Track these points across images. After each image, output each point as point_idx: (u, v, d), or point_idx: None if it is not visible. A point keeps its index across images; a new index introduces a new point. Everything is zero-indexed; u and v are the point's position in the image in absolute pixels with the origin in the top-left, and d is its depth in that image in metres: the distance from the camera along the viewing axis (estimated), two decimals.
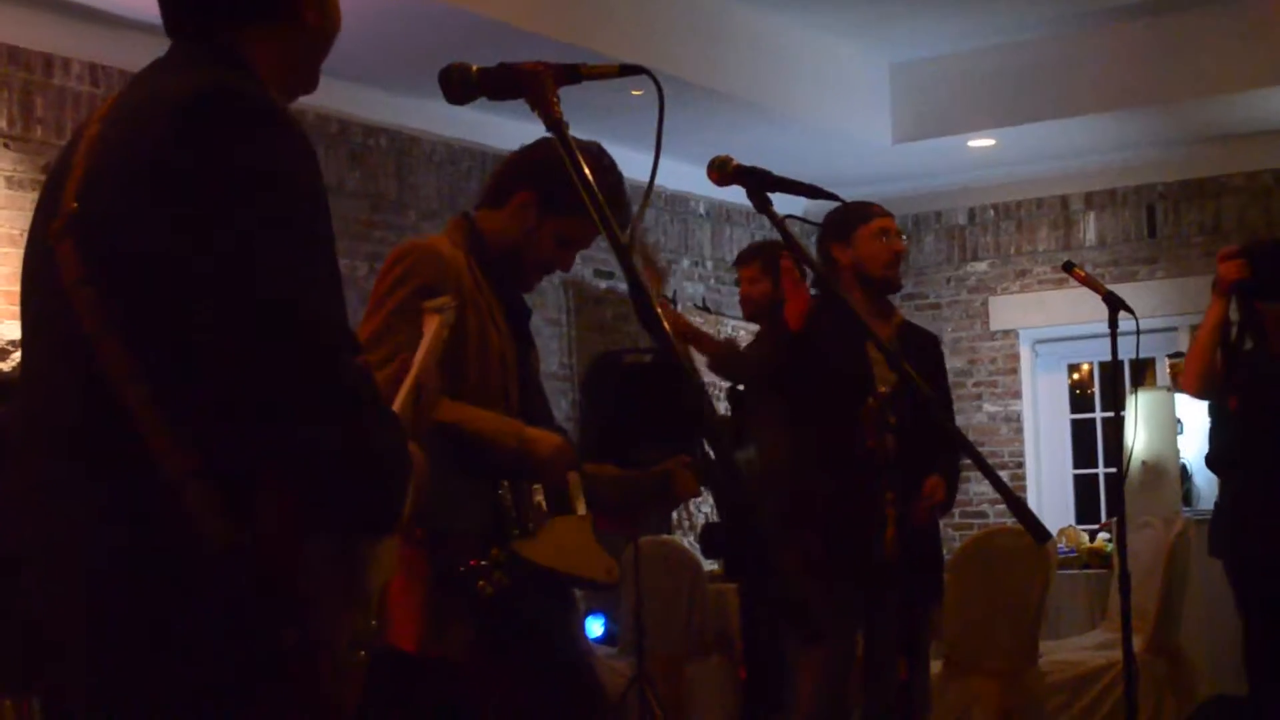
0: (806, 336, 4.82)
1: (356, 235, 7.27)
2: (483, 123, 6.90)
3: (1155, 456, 8.17)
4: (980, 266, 10.46)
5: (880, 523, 4.75)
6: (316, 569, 2.00)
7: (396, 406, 2.43)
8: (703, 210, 9.71)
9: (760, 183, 3.04)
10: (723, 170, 3.01)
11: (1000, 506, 8.36)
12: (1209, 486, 7.89)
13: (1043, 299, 10.07)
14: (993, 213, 10.42)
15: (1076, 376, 10.58)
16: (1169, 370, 8.92)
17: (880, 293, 5.25)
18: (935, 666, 7.04)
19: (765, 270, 5.92)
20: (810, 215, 4.45)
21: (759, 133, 8.31)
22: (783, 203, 3.04)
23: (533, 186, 3.49)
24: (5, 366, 5.98)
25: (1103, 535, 8.76)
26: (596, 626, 6.87)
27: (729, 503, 5.31)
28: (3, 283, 6.08)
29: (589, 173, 2.23)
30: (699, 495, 4.42)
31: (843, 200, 3.40)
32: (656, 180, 2.43)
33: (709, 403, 2.20)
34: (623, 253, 2.15)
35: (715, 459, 3.89)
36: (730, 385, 6.25)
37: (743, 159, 3.06)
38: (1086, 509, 10.24)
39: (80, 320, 1.97)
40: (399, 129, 7.84)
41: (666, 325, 2.09)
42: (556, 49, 6.53)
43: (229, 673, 1.94)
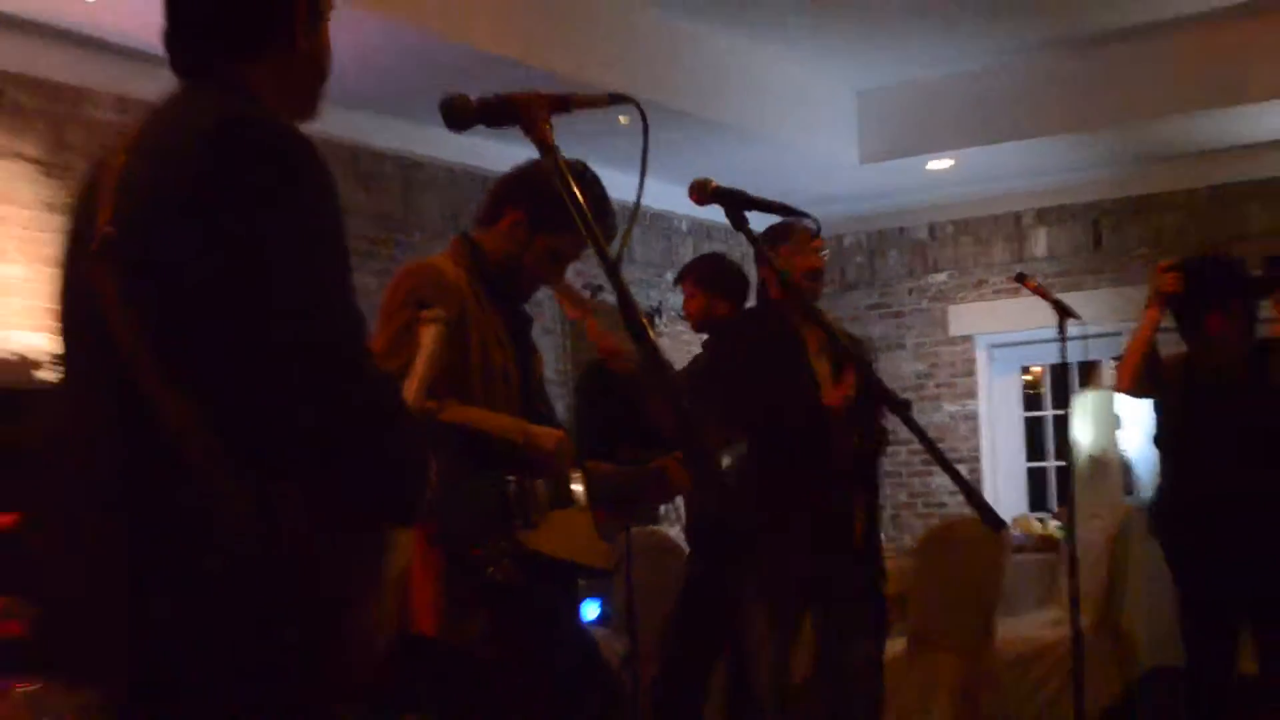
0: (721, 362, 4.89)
1: (365, 253, 7.23)
2: (481, 148, 6.89)
3: (1100, 451, 8.20)
4: (940, 277, 10.46)
5: (849, 517, 4.79)
6: (344, 562, 2.01)
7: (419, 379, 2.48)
8: (685, 228, 9.72)
9: (737, 202, 3.05)
10: (702, 191, 3.00)
11: (959, 497, 8.37)
12: (1149, 477, 7.92)
13: (997, 307, 10.06)
14: (951, 228, 10.42)
15: (1029, 378, 10.56)
16: (1113, 372, 8.95)
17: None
18: (901, 644, 7.11)
19: (698, 285, 5.88)
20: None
21: (737, 155, 8.31)
22: (759, 220, 3.08)
23: (522, 206, 3.50)
24: (51, 377, 5.97)
25: (1054, 523, 8.76)
26: (593, 610, 6.90)
27: (711, 505, 5.33)
28: (44, 300, 6.08)
29: (576, 189, 2.24)
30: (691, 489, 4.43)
31: (813, 218, 3.41)
32: (643, 200, 2.46)
33: (685, 406, 2.18)
34: (610, 266, 2.16)
35: (693, 464, 3.87)
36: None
37: (722, 180, 3.05)
38: (1038, 499, 10.23)
39: (116, 335, 1.95)
40: (405, 155, 7.84)
41: (652, 335, 2.11)
42: (548, 78, 6.55)
43: (261, 664, 1.93)
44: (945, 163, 9.34)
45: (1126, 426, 8.75)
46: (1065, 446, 8.69)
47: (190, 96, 2.12)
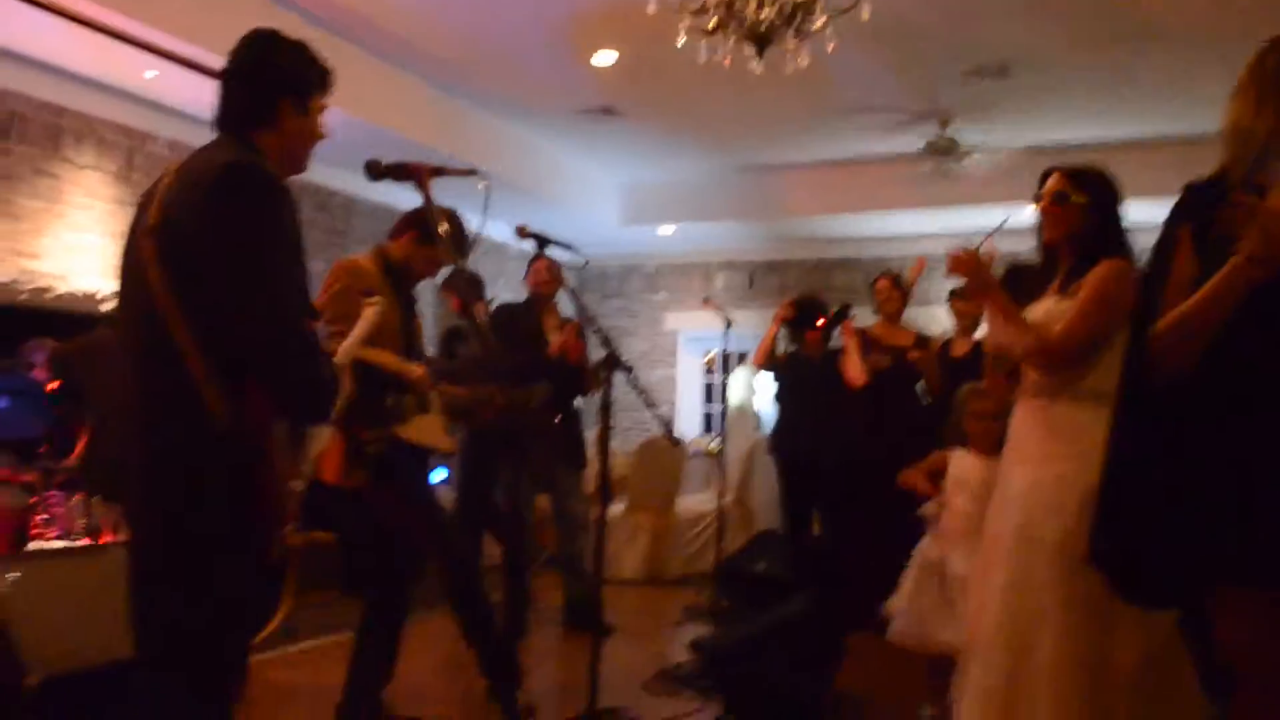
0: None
1: (316, 253, 7.00)
2: (394, 191, 6.86)
3: (743, 402, 8.35)
4: (661, 295, 10.47)
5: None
6: (278, 439, 1.95)
7: (347, 349, 2.36)
8: (512, 254, 9.73)
9: (543, 240, 3.16)
10: (523, 230, 3.07)
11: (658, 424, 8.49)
12: (769, 419, 8.11)
13: (692, 316, 10.02)
14: (669, 268, 10.41)
15: (707, 358, 10.61)
16: (752, 357, 9.16)
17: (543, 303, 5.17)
18: (621, 507, 7.26)
19: (449, 291, 5.36)
20: (570, 260, 4.53)
21: (543, 214, 8.07)
22: (553, 251, 3.20)
23: (415, 230, 3.41)
24: (107, 308, 5.79)
25: (714, 443, 8.73)
26: (440, 475, 6.84)
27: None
28: (106, 260, 5.88)
29: (445, 223, 2.29)
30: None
31: (583, 253, 3.42)
32: (483, 234, 2.52)
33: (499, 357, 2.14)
34: (460, 269, 2.20)
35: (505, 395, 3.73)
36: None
37: (533, 226, 3.14)
38: (707, 428, 10.28)
39: (152, 288, 1.91)
40: (345, 193, 7.66)
41: (479, 316, 2.13)
42: (436, 156, 6.58)
43: (227, 494, 1.88)
44: (670, 229, 9.38)
45: (759, 390, 8.87)
46: (724, 399, 8.71)
47: (217, 145, 2.04)
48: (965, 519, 3.45)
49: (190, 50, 5.11)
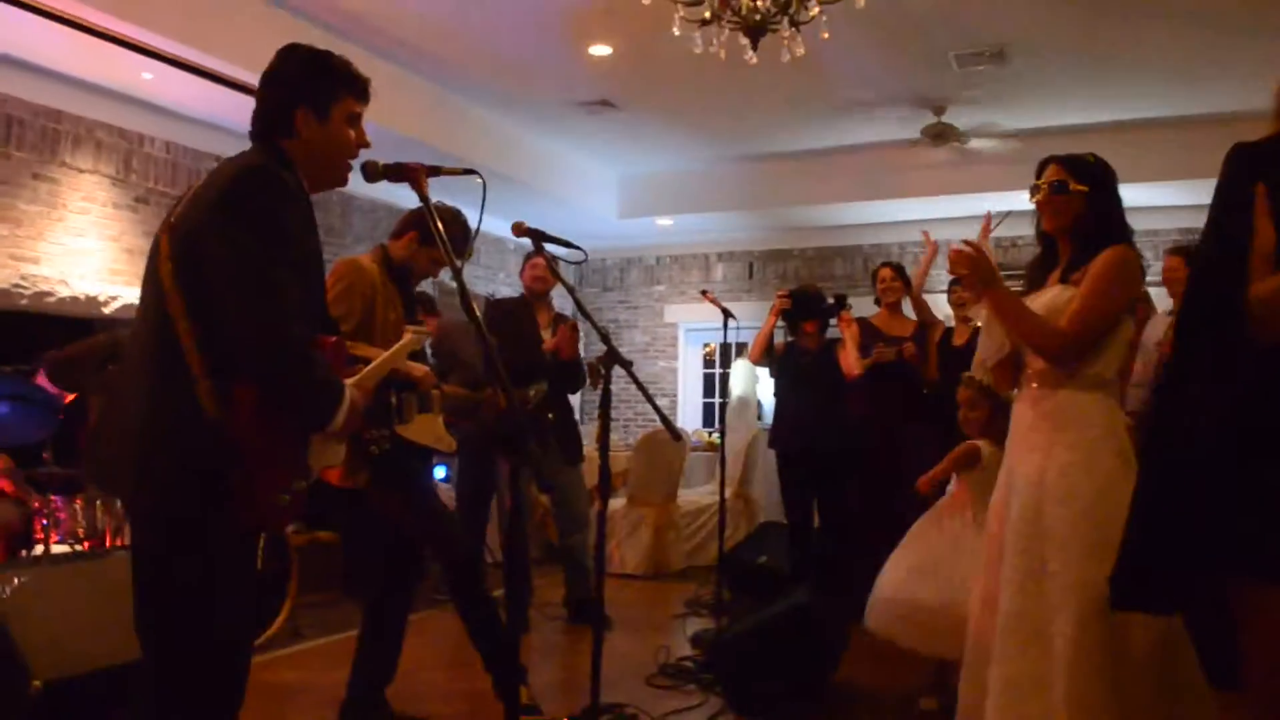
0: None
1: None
2: (392, 190, 6.85)
3: (744, 395, 8.22)
4: (661, 288, 10.39)
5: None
6: (264, 441, 1.94)
7: (379, 364, 2.30)
8: (511, 248, 9.73)
9: (540, 236, 3.15)
10: (519, 227, 3.03)
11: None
12: (769, 411, 8.15)
13: (691, 308, 10.00)
14: (668, 259, 10.35)
15: (707, 351, 10.55)
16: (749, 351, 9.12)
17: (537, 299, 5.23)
18: (622, 500, 7.27)
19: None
20: (567, 256, 4.55)
21: (541, 208, 8.18)
22: (551, 247, 3.15)
23: (416, 230, 3.45)
24: (107, 312, 5.78)
25: (715, 435, 8.79)
26: (440, 473, 6.88)
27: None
28: (106, 263, 5.90)
29: (442, 224, 2.29)
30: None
31: (583, 249, 3.33)
32: (483, 229, 2.47)
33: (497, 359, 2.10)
34: (456, 270, 2.18)
35: (505, 395, 3.81)
36: None
37: (531, 222, 3.08)
38: (709, 420, 10.24)
39: (163, 283, 1.95)
40: (344, 192, 7.59)
41: (478, 313, 2.13)
42: (433, 153, 6.56)
43: (199, 486, 1.89)
44: (668, 221, 9.31)
45: (759, 382, 8.66)
46: (725, 391, 8.75)
47: (246, 152, 2.09)
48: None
49: (186, 53, 5.09)
